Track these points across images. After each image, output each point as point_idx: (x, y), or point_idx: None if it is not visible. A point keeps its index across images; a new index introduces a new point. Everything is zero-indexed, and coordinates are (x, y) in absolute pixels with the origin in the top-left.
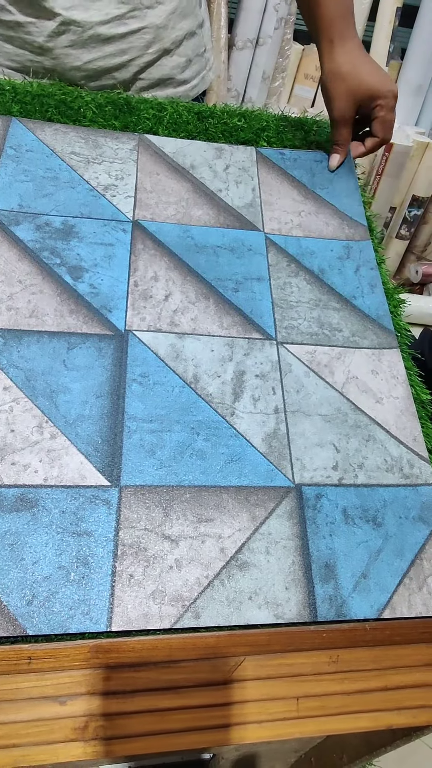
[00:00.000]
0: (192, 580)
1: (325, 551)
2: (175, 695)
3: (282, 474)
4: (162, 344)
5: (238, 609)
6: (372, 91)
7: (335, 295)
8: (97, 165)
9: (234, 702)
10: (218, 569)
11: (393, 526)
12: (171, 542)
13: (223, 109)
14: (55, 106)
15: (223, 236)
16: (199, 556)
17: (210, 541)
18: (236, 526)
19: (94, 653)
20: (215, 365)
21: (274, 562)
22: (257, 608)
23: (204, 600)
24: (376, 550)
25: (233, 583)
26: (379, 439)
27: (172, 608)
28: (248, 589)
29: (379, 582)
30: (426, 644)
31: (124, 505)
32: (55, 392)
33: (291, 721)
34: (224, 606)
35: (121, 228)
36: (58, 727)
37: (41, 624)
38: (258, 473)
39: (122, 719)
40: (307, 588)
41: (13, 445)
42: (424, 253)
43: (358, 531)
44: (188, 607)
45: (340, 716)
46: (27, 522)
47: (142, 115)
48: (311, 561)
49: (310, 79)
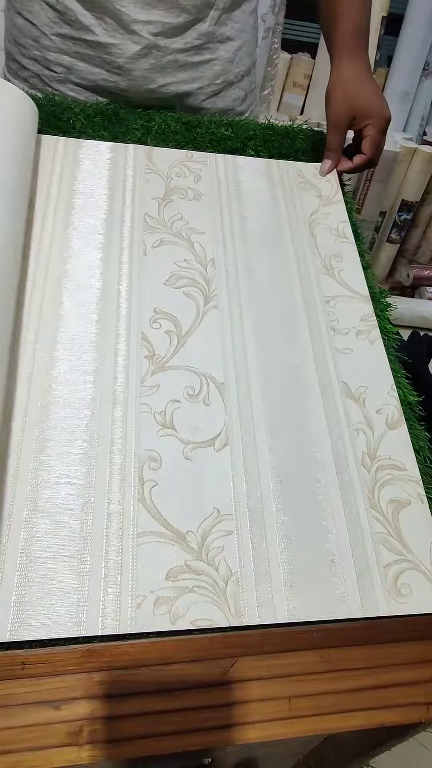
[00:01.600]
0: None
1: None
2: (168, 697)
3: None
4: None
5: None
6: (367, 108)
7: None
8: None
9: (228, 703)
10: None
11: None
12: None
13: (210, 119)
14: (45, 118)
15: None
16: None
17: None
18: None
19: (87, 657)
20: None
21: None
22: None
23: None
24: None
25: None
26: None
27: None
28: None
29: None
30: (415, 642)
31: None
32: None
33: (284, 720)
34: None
35: None
36: (53, 731)
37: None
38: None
39: (117, 722)
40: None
41: None
42: (414, 257)
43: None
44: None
45: (333, 715)
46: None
47: (131, 126)
48: None
49: (298, 87)
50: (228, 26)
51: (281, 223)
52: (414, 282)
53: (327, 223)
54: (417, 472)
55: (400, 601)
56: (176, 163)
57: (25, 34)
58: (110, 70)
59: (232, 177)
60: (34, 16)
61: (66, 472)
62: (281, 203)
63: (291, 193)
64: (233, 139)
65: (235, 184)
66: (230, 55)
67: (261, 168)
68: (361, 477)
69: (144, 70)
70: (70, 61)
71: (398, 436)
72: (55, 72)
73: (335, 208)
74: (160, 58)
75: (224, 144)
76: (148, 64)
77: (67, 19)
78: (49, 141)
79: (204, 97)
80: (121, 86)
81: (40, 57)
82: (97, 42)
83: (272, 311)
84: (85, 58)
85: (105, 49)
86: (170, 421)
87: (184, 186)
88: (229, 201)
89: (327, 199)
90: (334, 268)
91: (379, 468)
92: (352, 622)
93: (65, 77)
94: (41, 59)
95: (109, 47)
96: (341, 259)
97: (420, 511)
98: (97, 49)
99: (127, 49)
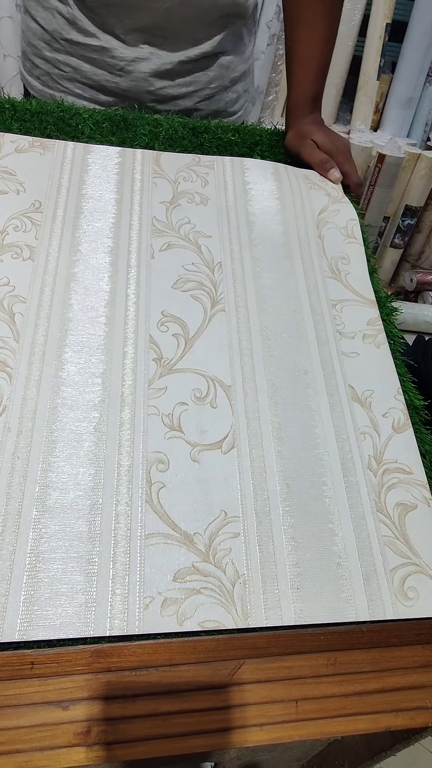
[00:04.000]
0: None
1: None
2: (176, 699)
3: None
4: None
5: None
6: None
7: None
8: None
9: (234, 705)
10: None
11: None
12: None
13: (217, 125)
14: (54, 123)
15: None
16: None
17: None
18: None
19: (95, 658)
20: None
21: None
22: None
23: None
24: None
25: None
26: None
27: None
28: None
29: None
30: (422, 646)
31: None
32: None
33: (291, 723)
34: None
35: None
36: (61, 732)
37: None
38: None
39: (124, 723)
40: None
41: None
42: (418, 262)
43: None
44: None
45: (339, 718)
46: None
47: (139, 131)
48: None
49: None
50: (227, 41)
51: (288, 226)
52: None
53: (336, 221)
54: (423, 475)
55: (406, 605)
56: (184, 167)
57: (38, 36)
58: (112, 72)
59: (240, 180)
60: (46, 23)
61: (74, 473)
62: (289, 204)
63: (300, 193)
64: (240, 144)
65: (243, 186)
66: (225, 63)
67: (269, 168)
68: (367, 480)
69: (143, 74)
70: (76, 62)
71: (404, 440)
72: (63, 71)
73: (344, 206)
74: (159, 65)
75: (231, 149)
76: (147, 69)
77: (75, 27)
78: (59, 146)
79: (198, 99)
80: (121, 87)
81: (50, 57)
82: (102, 47)
83: (279, 314)
84: (90, 60)
85: (108, 52)
86: (177, 424)
87: (191, 190)
88: (236, 204)
89: (336, 198)
90: (341, 271)
91: (385, 471)
92: (358, 626)
93: (72, 76)
94: (51, 59)
95: (112, 51)
96: (348, 261)
97: (426, 515)
98: (101, 53)
99: (128, 53)
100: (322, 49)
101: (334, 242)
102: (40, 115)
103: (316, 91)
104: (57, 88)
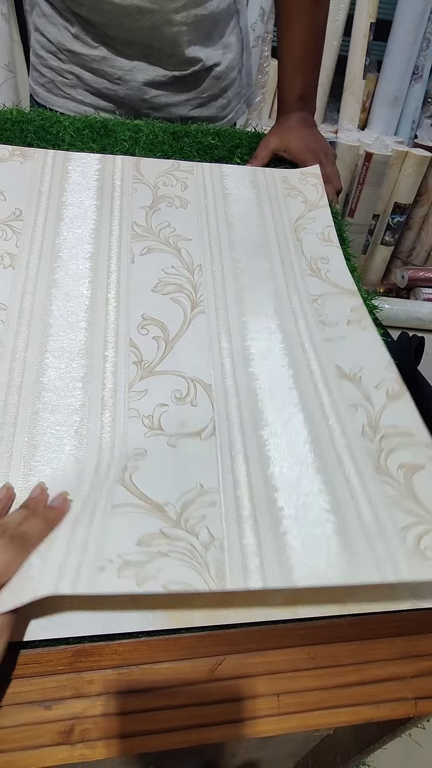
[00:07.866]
0: None
1: None
2: (158, 696)
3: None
4: None
5: None
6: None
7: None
8: None
9: (216, 701)
10: None
11: None
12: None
13: (197, 129)
14: (34, 131)
15: None
16: None
17: None
18: None
19: (77, 657)
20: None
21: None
22: None
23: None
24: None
25: None
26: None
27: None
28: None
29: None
30: (401, 637)
31: None
32: None
33: (273, 717)
34: None
35: None
36: (44, 731)
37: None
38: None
39: (107, 721)
40: None
41: None
42: (409, 258)
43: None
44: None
45: (321, 711)
46: None
47: (119, 137)
48: None
49: None
50: (218, 52)
51: (267, 229)
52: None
53: (312, 227)
54: (427, 436)
55: (425, 565)
56: (163, 172)
57: (45, 48)
58: (111, 80)
59: (219, 185)
60: (52, 36)
61: (55, 477)
62: (267, 210)
63: (277, 200)
64: (220, 147)
65: (222, 191)
66: (217, 74)
67: (247, 175)
68: (363, 447)
69: (138, 83)
70: (79, 71)
71: (402, 406)
72: (67, 79)
73: (321, 212)
74: (154, 77)
75: (211, 153)
76: (143, 78)
77: (78, 40)
78: (39, 154)
79: (190, 107)
80: (119, 94)
81: (56, 66)
82: (102, 57)
83: (259, 314)
84: (91, 69)
85: (108, 62)
86: (158, 424)
87: (171, 194)
88: (216, 208)
89: (313, 204)
90: (321, 269)
91: (383, 437)
92: (338, 619)
93: (75, 83)
94: (57, 68)
95: (111, 60)
96: (327, 261)
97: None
98: (100, 62)
99: (126, 64)
100: (308, 48)
101: (312, 245)
102: (20, 124)
103: (302, 90)
104: (61, 95)
